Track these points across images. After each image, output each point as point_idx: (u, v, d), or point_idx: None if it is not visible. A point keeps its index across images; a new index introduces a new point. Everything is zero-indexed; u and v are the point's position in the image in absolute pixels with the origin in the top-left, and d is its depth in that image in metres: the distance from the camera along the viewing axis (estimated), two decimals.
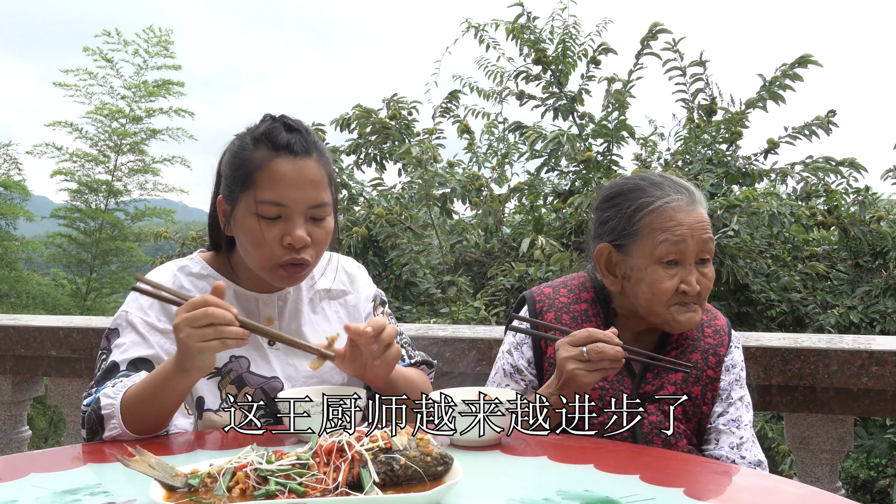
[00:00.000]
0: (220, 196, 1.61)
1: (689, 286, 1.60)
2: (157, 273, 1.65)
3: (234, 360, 1.60)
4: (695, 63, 4.94)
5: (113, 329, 1.57)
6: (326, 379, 1.67)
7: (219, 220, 1.63)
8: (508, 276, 4.57)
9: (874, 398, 2.17)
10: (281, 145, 1.51)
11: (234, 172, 1.55)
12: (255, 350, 1.62)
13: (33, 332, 2.75)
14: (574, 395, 1.53)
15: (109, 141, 12.57)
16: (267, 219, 1.51)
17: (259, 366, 1.62)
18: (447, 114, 5.62)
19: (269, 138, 1.52)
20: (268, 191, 1.50)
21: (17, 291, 11.85)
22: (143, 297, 1.56)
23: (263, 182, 1.50)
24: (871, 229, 4.54)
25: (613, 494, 1.11)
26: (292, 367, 1.65)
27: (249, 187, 1.51)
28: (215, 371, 1.58)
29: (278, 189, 1.50)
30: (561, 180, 5.16)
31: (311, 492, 1.02)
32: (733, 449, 1.65)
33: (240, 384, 1.59)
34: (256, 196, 1.50)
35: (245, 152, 1.54)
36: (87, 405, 1.44)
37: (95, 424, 1.42)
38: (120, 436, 1.41)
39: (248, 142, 1.55)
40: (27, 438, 2.91)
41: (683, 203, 1.62)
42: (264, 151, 1.52)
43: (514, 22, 5.18)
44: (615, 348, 1.49)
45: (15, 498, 1.11)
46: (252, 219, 1.51)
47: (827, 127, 4.77)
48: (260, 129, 1.55)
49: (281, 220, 1.51)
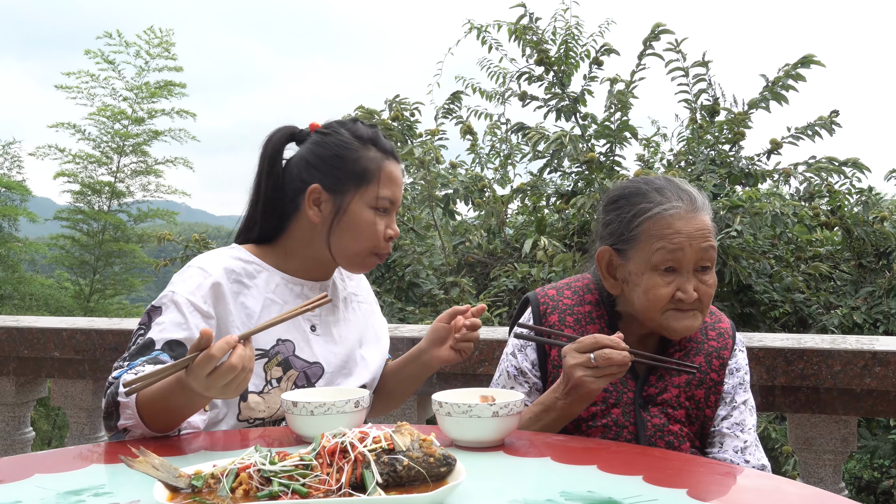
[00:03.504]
0: (313, 185, 1.69)
1: (685, 294, 1.59)
2: (211, 258, 1.68)
3: (280, 343, 1.66)
4: (697, 63, 4.94)
5: (157, 307, 1.60)
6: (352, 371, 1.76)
7: (275, 210, 1.72)
8: (511, 277, 4.57)
9: (877, 399, 2.17)
10: (388, 150, 1.73)
11: (345, 167, 1.69)
12: (299, 334, 1.70)
13: (36, 333, 2.75)
14: (581, 401, 1.53)
15: (112, 142, 12.60)
16: (381, 211, 1.70)
17: (302, 349, 1.69)
18: (450, 115, 5.62)
19: (377, 143, 1.72)
20: (386, 189, 1.70)
21: (20, 293, 11.88)
22: (194, 278, 1.61)
23: (383, 181, 1.70)
24: (875, 230, 4.53)
25: (616, 495, 1.11)
26: (332, 353, 1.73)
27: (368, 183, 1.69)
28: (261, 353, 1.63)
29: (392, 188, 1.71)
30: (563, 181, 5.16)
31: (315, 493, 1.02)
32: (737, 453, 1.65)
33: (286, 367, 1.66)
34: (379, 192, 1.69)
35: (357, 152, 1.70)
36: (115, 378, 1.44)
37: (112, 407, 1.43)
38: (134, 427, 1.42)
39: (354, 142, 1.71)
40: (30, 440, 2.92)
41: (683, 210, 1.61)
42: (376, 153, 1.71)
43: (516, 23, 5.18)
44: (622, 354, 1.49)
45: (19, 498, 1.12)
46: (369, 211, 1.69)
47: (830, 127, 4.76)
48: (361, 132, 1.72)
49: (387, 214, 1.72)
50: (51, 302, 11.91)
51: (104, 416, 1.45)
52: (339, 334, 1.77)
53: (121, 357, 1.52)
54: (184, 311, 1.56)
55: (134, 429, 1.43)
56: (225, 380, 1.28)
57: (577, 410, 1.57)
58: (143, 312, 1.61)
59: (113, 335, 2.67)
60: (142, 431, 1.43)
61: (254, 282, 1.67)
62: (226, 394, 1.32)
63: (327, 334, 1.75)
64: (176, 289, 1.60)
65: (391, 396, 1.90)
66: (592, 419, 1.64)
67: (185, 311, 1.56)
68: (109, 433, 1.46)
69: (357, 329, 1.82)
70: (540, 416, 1.58)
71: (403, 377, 1.86)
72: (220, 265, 1.65)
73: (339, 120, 1.77)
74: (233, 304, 1.62)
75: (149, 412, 1.41)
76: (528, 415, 1.59)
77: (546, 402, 1.58)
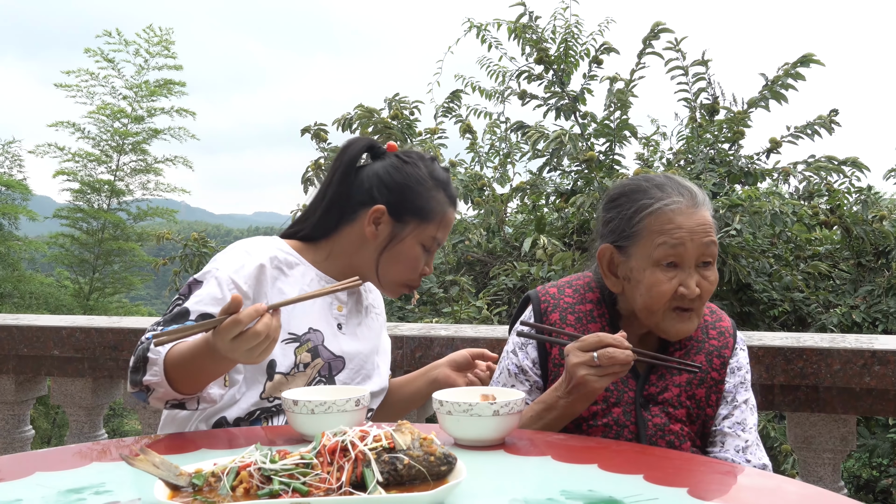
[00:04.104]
0: (380, 205, 1.78)
1: (687, 289, 1.59)
2: (257, 242, 1.76)
3: (312, 331, 1.73)
4: (697, 62, 4.94)
5: (198, 280, 1.66)
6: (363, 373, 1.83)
7: (335, 213, 1.80)
8: (511, 276, 4.57)
9: (877, 398, 2.17)
10: (453, 198, 1.85)
11: (414, 199, 1.79)
12: (328, 327, 1.77)
13: (36, 331, 2.75)
14: (582, 399, 1.53)
15: (111, 141, 12.60)
16: (427, 250, 1.82)
17: (330, 342, 1.76)
18: (449, 113, 5.61)
19: (447, 189, 1.83)
20: (441, 232, 1.82)
21: (19, 291, 11.88)
22: (239, 258, 1.68)
23: (441, 225, 1.82)
24: (874, 229, 4.53)
25: (617, 494, 1.11)
26: (354, 351, 1.80)
27: (429, 222, 1.80)
28: (293, 337, 1.70)
29: (445, 233, 1.84)
30: (563, 180, 5.16)
31: (315, 491, 1.02)
32: (738, 452, 1.65)
33: (314, 354, 1.73)
34: (434, 234, 1.81)
35: (430, 191, 1.80)
36: (147, 338, 1.49)
37: (140, 362, 1.48)
38: (158, 384, 1.46)
39: (429, 180, 1.81)
40: (30, 438, 2.92)
41: (684, 205, 1.61)
42: (443, 197, 1.82)
43: (516, 21, 5.18)
44: (625, 352, 1.49)
45: (20, 497, 1.12)
46: (419, 247, 1.80)
47: (829, 126, 4.76)
48: (438, 173, 1.83)
49: (430, 253, 1.84)
50: (50, 300, 11.92)
51: (131, 371, 1.50)
52: (362, 336, 1.85)
53: (155, 322, 1.59)
54: (223, 288, 1.62)
55: (157, 387, 1.48)
56: (249, 345, 1.34)
57: (579, 409, 1.57)
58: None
59: (112, 334, 2.67)
60: (164, 391, 1.48)
61: (291, 272, 1.75)
62: (250, 358, 1.37)
63: (352, 334, 1.83)
64: (220, 265, 1.67)
65: (391, 410, 1.96)
66: (593, 418, 1.64)
67: (224, 287, 1.62)
68: (133, 389, 1.51)
69: (374, 337, 1.91)
70: (541, 415, 1.58)
71: (408, 392, 1.97)
72: (265, 250, 1.73)
73: (420, 153, 1.87)
74: (270, 288, 1.69)
75: (175, 372, 1.46)
76: (530, 413, 1.59)
77: (548, 400, 1.58)
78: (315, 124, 5.17)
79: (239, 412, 1.66)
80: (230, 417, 1.66)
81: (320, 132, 5.13)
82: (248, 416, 1.67)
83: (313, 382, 1.71)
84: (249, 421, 1.67)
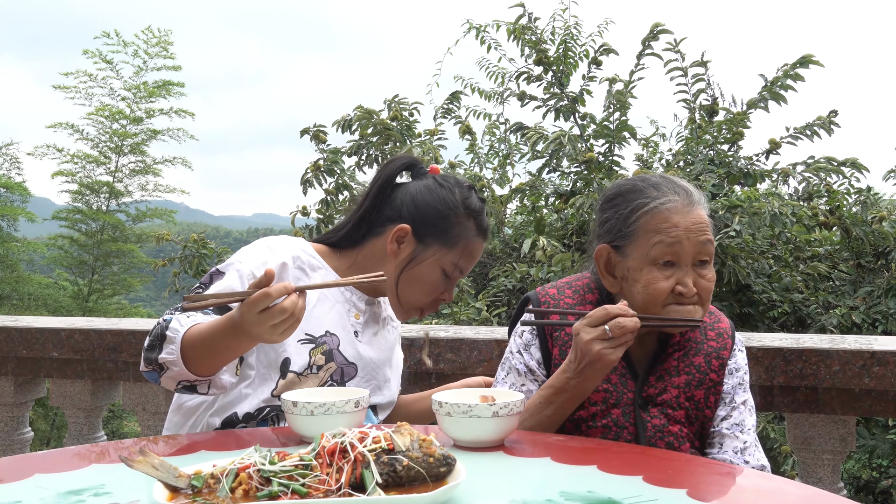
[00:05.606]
0: (405, 224, 1.79)
1: (685, 288, 1.60)
2: (282, 241, 1.78)
3: (328, 334, 1.75)
4: (696, 63, 4.94)
5: (221, 271, 1.68)
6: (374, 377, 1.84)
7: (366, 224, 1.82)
8: (510, 277, 4.57)
9: (876, 399, 2.17)
10: (484, 229, 1.85)
11: (440, 223, 1.79)
12: (345, 333, 1.79)
13: (35, 333, 2.75)
14: (596, 376, 1.54)
15: (110, 142, 12.60)
16: (447, 276, 1.81)
17: (345, 348, 1.78)
18: (448, 115, 5.61)
19: (478, 219, 1.83)
20: (464, 261, 1.81)
21: (18, 293, 11.87)
22: (262, 254, 1.71)
23: (465, 253, 1.81)
24: (873, 230, 4.53)
25: (616, 495, 1.11)
26: (367, 359, 1.82)
27: (452, 248, 1.80)
28: (310, 338, 1.72)
29: (469, 263, 1.83)
30: (562, 181, 5.16)
31: (314, 493, 1.02)
32: (737, 454, 1.65)
33: (328, 357, 1.74)
34: (457, 261, 1.81)
35: (458, 218, 1.80)
36: (166, 320, 1.51)
37: (157, 339, 1.49)
38: (173, 363, 1.48)
39: (460, 208, 1.80)
40: (29, 440, 2.92)
41: (680, 204, 1.61)
42: (472, 227, 1.81)
43: (515, 23, 5.18)
44: (633, 319, 1.51)
45: (19, 498, 1.12)
46: (439, 272, 1.80)
47: (828, 127, 4.77)
48: (471, 202, 1.82)
49: (451, 281, 1.82)
50: (49, 302, 11.91)
51: (147, 349, 1.51)
52: (376, 346, 1.87)
53: (173, 308, 1.60)
54: (244, 281, 1.64)
55: (172, 366, 1.48)
56: (274, 320, 1.36)
57: (591, 388, 1.57)
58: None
59: (111, 335, 2.67)
60: (178, 370, 1.49)
61: (313, 274, 1.78)
62: (273, 335, 1.39)
63: (367, 343, 1.84)
64: (242, 259, 1.70)
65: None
66: (592, 419, 1.64)
67: (244, 280, 1.64)
68: (146, 367, 1.52)
69: (388, 349, 1.92)
70: (551, 399, 1.58)
71: (418, 409, 1.99)
72: (288, 249, 1.75)
73: (459, 179, 1.88)
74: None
75: (192, 351, 1.47)
76: (537, 400, 1.59)
77: (557, 383, 1.57)
78: (314, 125, 5.17)
79: (249, 408, 1.67)
80: (241, 413, 1.67)
81: (319, 133, 5.13)
82: (258, 413, 1.68)
83: (325, 387, 1.72)
84: (259, 418, 1.68)
